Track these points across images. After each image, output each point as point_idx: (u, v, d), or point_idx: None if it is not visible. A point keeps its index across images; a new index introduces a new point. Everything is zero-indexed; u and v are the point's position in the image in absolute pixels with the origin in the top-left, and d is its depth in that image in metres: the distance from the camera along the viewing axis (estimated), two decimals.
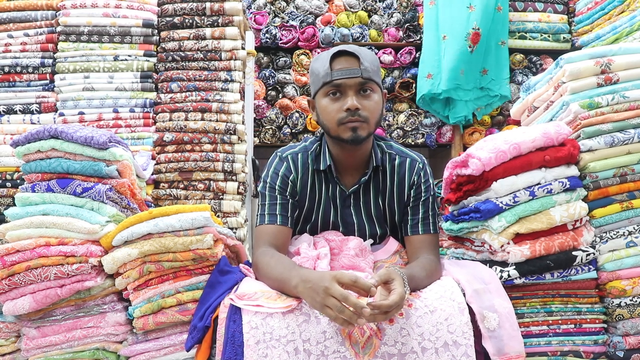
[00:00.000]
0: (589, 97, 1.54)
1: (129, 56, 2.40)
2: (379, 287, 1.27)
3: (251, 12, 3.65)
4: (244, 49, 2.55)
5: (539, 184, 1.47)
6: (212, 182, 2.38)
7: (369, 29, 3.71)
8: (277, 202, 1.60)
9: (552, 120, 1.65)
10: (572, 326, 1.44)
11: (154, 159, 2.38)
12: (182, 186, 2.38)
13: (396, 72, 3.63)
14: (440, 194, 1.88)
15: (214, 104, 2.39)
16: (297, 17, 3.66)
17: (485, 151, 1.49)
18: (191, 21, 2.43)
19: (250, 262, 1.66)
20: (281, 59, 3.64)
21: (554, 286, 1.45)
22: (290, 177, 1.63)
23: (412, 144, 3.62)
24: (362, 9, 3.75)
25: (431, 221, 1.64)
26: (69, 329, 1.45)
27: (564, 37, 3.55)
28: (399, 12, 3.71)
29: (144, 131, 2.39)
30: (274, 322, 1.29)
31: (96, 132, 1.57)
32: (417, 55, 3.58)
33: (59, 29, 2.38)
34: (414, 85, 3.57)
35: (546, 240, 1.43)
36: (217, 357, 1.31)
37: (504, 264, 1.45)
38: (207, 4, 2.43)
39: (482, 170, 1.48)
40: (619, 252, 1.46)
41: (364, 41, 3.66)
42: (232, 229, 2.37)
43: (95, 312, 1.46)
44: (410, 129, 3.61)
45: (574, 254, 1.42)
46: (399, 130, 3.61)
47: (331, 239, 1.63)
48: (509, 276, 1.41)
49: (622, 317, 1.43)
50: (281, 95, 3.66)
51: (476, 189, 1.54)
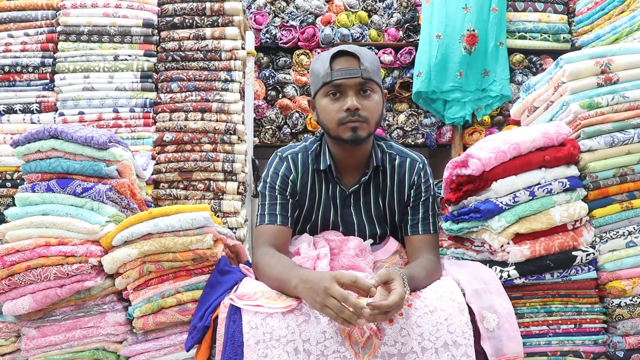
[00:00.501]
0: (589, 97, 1.54)
1: (129, 56, 2.40)
2: (379, 287, 1.27)
3: (251, 12, 3.65)
4: (244, 49, 2.55)
5: (539, 184, 1.47)
6: (212, 182, 2.38)
7: (369, 29, 3.71)
8: (277, 202, 1.60)
9: (552, 120, 1.65)
10: (572, 326, 1.44)
11: (154, 159, 2.38)
12: (182, 186, 2.38)
13: (396, 72, 3.63)
14: (440, 194, 1.87)
15: (213, 104, 2.39)
16: (297, 17, 3.66)
17: (485, 151, 1.49)
18: (191, 21, 2.43)
19: (250, 262, 1.66)
20: (281, 59, 3.64)
21: (553, 286, 1.45)
22: (290, 177, 1.63)
23: (412, 144, 3.62)
24: (362, 9, 3.75)
25: (431, 221, 1.64)
26: (69, 329, 1.45)
27: (564, 37, 3.54)
28: (399, 12, 3.71)
29: (144, 131, 2.39)
30: (273, 322, 1.29)
31: (96, 132, 1.57)
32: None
33: (59, 28, 2.38)
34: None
35: (546, 240, 1.43)
36: (217, 357, 1.31)
37: (503, 264, 1.45)
38: (207, 4, 2.43)
39: (482, 170, 1.48)
40: (618, 252, 1.45)
41: (364, 41, 3.65)
42: (232, 229, 2.37)
43: (95, 312, 1.46)
44: (410, 129, 3.60)
45: (574, 254, 1.42)
46: (399, 130, 3.61)
47: (331, 239, 1.63)
48: (509, 276, 1.41)
49: (622, 317, 1.43)
50: (281, 95, 3.66)
51: (476, 189, 1.54)
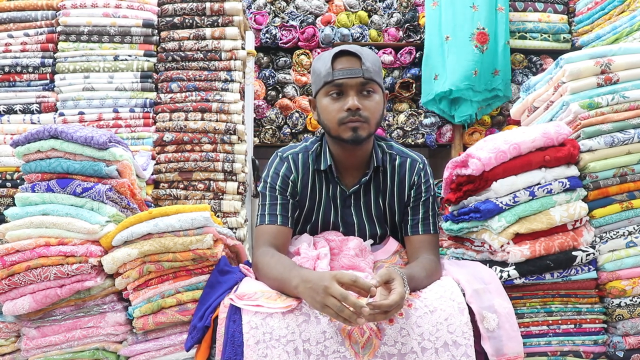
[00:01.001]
0: (589, 97, 1.54)
1: (129, 56, 2.40)
2: (379, 287, 1.27)
3: (251, 12, 3.65)
4: (244, 49, 2.55)
5: (539, 184, 1.47)
6: (212, 182, 2.38)
7: (369, 29, 3.71)
8: (278, 202, 1.60)
9: (552, 120, 1.65)
10: (572, 326, 1.44)
11: (153, 159, 2.38)
12: (182, 186, 2.38)
13: (396, 72, 3.62)
14: (440, 194, 1.87)
15: (213, 104, 2.39)
16: (297, 17, 3.66)
17: (485, 151, 1.49)
18: (191, 21, 2.43)
19: (250, 262, 1.66)
20: (281, 59, 3.64)
21: (553, 286, 1.45)
22: (290, 177, 1.63)
23: (412, 144, 3.62)
24: (362, 9, 3.74)
25: (431, 221, 1.64)
26: (69, 329, 1.45)
27: (564, 37, 3.54)
28: (399, 12, 3.70)
29: (144, 131, 2.39)
30: (273, 322, 1.29)
31: (96, 132, 1.57)
32: (417, 55, 3.58)
33: (59, 28, 2.38)
34: (414, 85, 3.57)
35: (546, 240, 1.43)
36: (217, 357, 1.31)
37: (503, 264, 1.45)
38: (207, 4, 2.43)
39: (482, 170, 1.48)
40: (618, 252, 1.45)
41: (364, 41, 3.65)
42: (232, 229, 2.37)
43: (95, 312, 1.46)
44: (410, 129, 3.60)
45: (574, 254, 1.42)
46: (399, 130, 3.61)
47: (331, 239, 1.63)
48: (509, 276, 1.41)
49: (622, 317, 1.43)
50: (281, 95, 3.66)
51: (476, 189, 1.54)
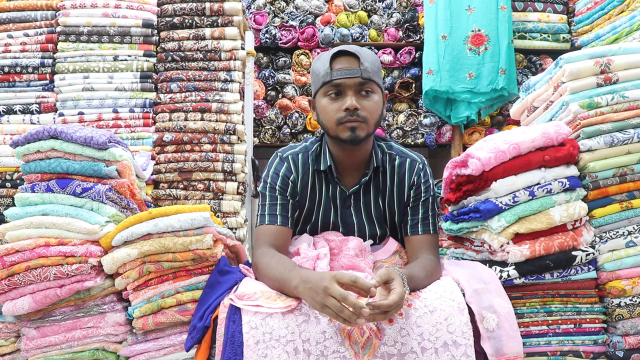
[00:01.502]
0: (589, 97, 1.54)
1: (129, 56, 2.41)
2: (379, 287, 1.27)
3: (251, 12, 3.65)
4: (243, 49, 2.55)
5: (539, 184, 1.47)
6: (211, 182, 2.38)
7: (369, 29, 3.71)
8: (278, 202, 1.60)
9: (551, 120, 1.65)
10: (572, 326, 1.44)
11: (153, 159, 2.38)
12: (181, 186, 2.38)
13: (396, 72, 3.63)
14: (440, 194, 1.87)
15: (213, 104, 2.40)
16: (297, 17, 3.66)
17: (484, 151, 1.49)
18: (191, 21, 2.43)
19: (249, 262, 1.66)
20: (281, 59, 3.64)
21: (553, 286, 1.45)
22: (290, 178, 1.63)
23: (412, 144, 3.62)
24: (362, 9, 3.75)
25: (431, 221, 1.64)
26: (69, 329, 1.45)
27: (564, 37, 3.55)
28: (399, 12, 3.71)
29: (144, 131, 2.39)
30: (273, 322, 1.29)
31: (96, 132, 1.56)
32: (417, 55, 3.59)
33: (58, 29, 2.38)
34: (414, 85, 3.57)
35: (546, 240, 1.43)
36: (217, 357, 1.31)
37: (503, 264, 1.45)
38: (207, 4, 2.43)
39: (481, 170, 1.48)
40: (618, 252, 1.45)
41: (363, 41, 3.66)
42: (231, 229, 2.37)
43: (94, 313, 1.46)
44: (409, 129, 3.61)
45: (574, 254, 1.42)
46: (398, 130, 3.61)
47: (331, 239, 1.63)
48: (509, 276, 1.41)
49: (622, 317, 1.43)
50: (281, 95, 3.66)
51: (476, 189, 1.54)
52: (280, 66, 3.66)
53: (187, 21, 2.43)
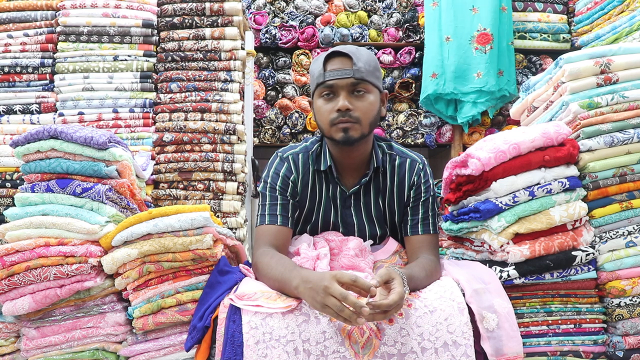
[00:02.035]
0: (589, 97, 1.54)
1: (129, 56, 2.41)
2: (379, 287, 1.27)
3: (251, 12, 3.65)
4: (243, 49, 2.55)
5: (539, 184, 1.47)
6: (211, 182, 2.38)
7: (369, 29, 3.71)
8: (278, 202, 1.60)
9: (551, 120, 1.65)
10: (572, 326, 1.44)
11: (153, 159, 2.38)
12: (181, 186, 2.38)
13: (396, 72, 3.63)
14: (440, 194, 1.88)
15: (213, 104, 2.40)
16: (297, 17, 3.66)
17: (484, 151, 1.49)
18: (191, 21, 2.43)
19: (249, 262, 1.66)
20: (281, 59, 3.64)
21: (553, 286, 1.45)
22: (290, 178, 1.63)
23: (412, 144, 3.62)
24: (362, 9, 3.75)
25: (431, 221, 1.64)
26: (69, 329, 1.45)
27: (564, 37, 3.55)
28: (399, 12, 3.71)
29: (144, 131, 2.39)
30: (273, 322, 1.29)
31: (96, 133, 1.56)
32: (417, 55, 3.59)
33: (58, 29, 2.38)
34: (414, 85, 3.57)
35: (546, 240, 1.43)
36: (217, 357, 1.31)
37: (503, 264, 1.45)
38: (207, 4, 2.43)
39: (481, 170, 1.48)
40: (618, 252, 1.45)
41: (363, 41, 3.66)
42: (231, 229, 2.37)
43: (94, 313, 1.46)
44: (409, 129, 3.61)
45: (574, 254, 1.42)
46: (398, 130, 3.61)
47: (331, 239, 1.63)
48: (509, 276, 1.41)
49: (622, 317, 1.43)
50: (281, 95, 3.66)
51: (476, 189, 1.54)
52: (280, 66, 3.66)
53: (187, 21, 2.43)
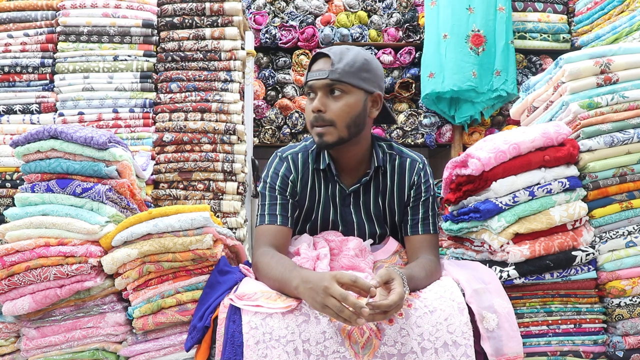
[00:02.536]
0: (589, 97, 1.54)
1: (129, 56, 2.41)
2: (379, 287, 1.27)
3: (251, 12, 3.65)
4: (243, 49, 2.55)
5: (539, 184, 1.47)
6: (211, 182, 2.38)
7: (369, 29, 3.71)
8: (277, 202, 1.60)
9: (551, 120, 1.65)
10: (572, 326, 1.44)
11: (153, 159, 2.38)
12: (181, 186, 2.38)
13: (396, 72, 3.63)
14: (440, 194, 1.88)
15: (213, 104, 2.40)
16: (297, 17, 3.65)
17: (484, 151, 1.49)
18: (191, 21, 2.43)
19: (249, 262, 1.66)
20: (281, 59, 3.64)
21: (553, 286, 1.45)
22: (290, 178, 1.63)
23: (412, 144, 3.62)
24: (362, 9, 3.74)
25: (431, 221, 1.64)
26: (69, 329, 1.45)
27: (564, 37, 3.55)
28: (399, 12, 3.71)
29: (144, 131, 2.39)
30: (273, 322, 1.29)
31: (96, 133, 1.56)
32: (417, 55, 3.59)
33: (58, 29, 2.38)
34: (414, 85, 3.57)
35: (546, 240, 1.43)
36: (217, 357, 1.31)
37: (503, 264, 1.45)
38: (207, 4, 2.43)
39: (481, 170, 1.48)
40: (618, 252, 1.45)
41: (363, 41, 3.65)
42: (231, 229, 2.37)
43: (94, 313, 1.46)
44: (409, 129, 3.60)
45: (574, 254, 1.42)
46: (398, 130, 3.61)
47: (331, 239, 1.63)
48: (509, 276, 1.41)
49: (622, 317, 1.43)
50: (281, 95, 3.66)
51: (476, 189, 1.54)
52: (280, 66, 3.65)
53: (187, 21, 2.43)
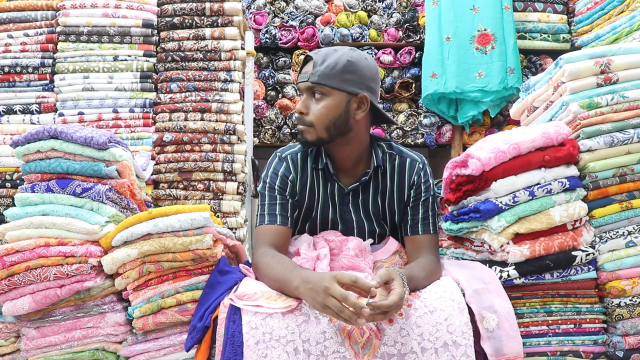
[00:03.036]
0: (589, 97, 1.54)
1: (129, 56, 2.40)
2: (379, 287, 1.27)
3: (251, 12, 3.65)
4: (243, 49, 2.55)
5: (539, 184, 1.47)
6: (211, 182, 2.38)
7: (369, 29, 3.71)
8: (277, 202, 1.61)
9: (551, 120, 1.65)
10: (572, 326, 1.44)
11: (153, 159, 2.38)
12: (181, 186, 2.38)
13: (396, 72, 3.62)
14: (440, 194, 1.88)
15: (213, 104, 2.39)
16: (297, 17, 3.65)
17: (484, 151, 1.49)
18: (191, 21, 2.43)
19: (249, 262, 1.67)
20: (281, 59, 3.64)
21: (553, 286, 1.45)
22: (289, 177, 1.63)
23: (412, 144, 3.62)
24: (362, 9, 3.74)
25: (431, 221, 1.64)
26: (69, 329, 1.45)
27: (564, 37, 3.55)
28: (399, 12, 3.70)
29: (144, 131, 2.39)
30: (273, 322, 1.29)
31: (96, 133, 1.56)
32: (417, 55, 3.59)
33: (58, 29, 2.38)
34: (414, 85, 3.57)
35: (546, 240, 1.43)
36: (217, 357, 1.31)
37: (503, 264, 1.45)
38: (207, 4, 2.43)
39: (481, 170, 1.48)
40: (618, 252, 1.46)
41: (363, 41, 3.65)
42: (231, 229, 2.37)
43: (94, 313, 1.46)
44: (409, 129, 3.60)
45: (574, 254, 1.42)
46: (398, 130, 3.61)
47: (331, 240, 1.63)
48: (509, 276, 1.41)
49: (622, 317, 1.43)
50: (281, 95, 3.65)
51: (476, 189, 1.54)
52: (280, 66, 3.65)
53: (187, 21, 2.43)
